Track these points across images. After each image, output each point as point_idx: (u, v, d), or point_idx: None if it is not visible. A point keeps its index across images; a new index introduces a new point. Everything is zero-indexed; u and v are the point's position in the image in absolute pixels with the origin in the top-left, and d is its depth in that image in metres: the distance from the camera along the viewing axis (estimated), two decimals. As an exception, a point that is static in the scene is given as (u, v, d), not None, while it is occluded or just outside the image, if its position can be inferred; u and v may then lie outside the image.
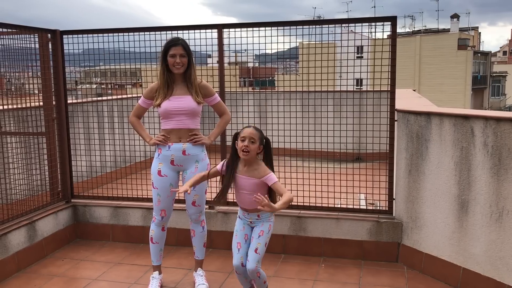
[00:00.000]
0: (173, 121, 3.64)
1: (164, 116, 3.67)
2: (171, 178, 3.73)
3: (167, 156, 3.69)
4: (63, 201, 5.17)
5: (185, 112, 3.63)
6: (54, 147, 5.04)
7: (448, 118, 3.79)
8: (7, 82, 5.88)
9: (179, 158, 3.68)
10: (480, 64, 43.27)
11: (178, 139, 3.66)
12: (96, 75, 9.06)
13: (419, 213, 4.13)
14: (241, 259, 3.26)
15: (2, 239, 4.18)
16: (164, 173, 3.70)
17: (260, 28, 4.60)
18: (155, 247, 3.90)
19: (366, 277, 4.11)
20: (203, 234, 3.94)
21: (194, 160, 3.71)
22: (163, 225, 3.85)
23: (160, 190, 3.72)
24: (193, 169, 3.70)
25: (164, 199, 3.74)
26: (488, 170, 3.49)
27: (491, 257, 3.55)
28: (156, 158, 3.75)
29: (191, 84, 3.67)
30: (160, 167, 3.70)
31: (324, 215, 4.55)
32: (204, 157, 3.77)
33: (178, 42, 3.61)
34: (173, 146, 3.67)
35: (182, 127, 3.65)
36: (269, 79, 9.99)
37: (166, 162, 3.70)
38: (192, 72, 3.68)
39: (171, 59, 3.59)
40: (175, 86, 3.67)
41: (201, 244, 3.96)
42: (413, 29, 46.01)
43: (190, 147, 3.68)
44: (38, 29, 4.84)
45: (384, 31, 4.35)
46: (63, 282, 4.12)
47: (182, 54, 3.58)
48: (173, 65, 3.59)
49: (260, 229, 3.28)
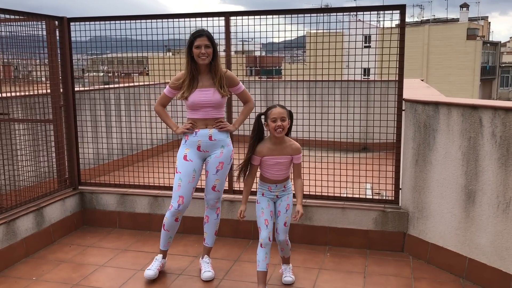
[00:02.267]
0: (199, 112, 3.74)
1: (191, 107, 3.76)
2: (196, 164, 3.78)
3: (194, 142, 3.76)
4: (70, 188, 5.21)
5: (211, 105, 3.72)
6: (62, 134, 5.06)
7: (456, 108, 3.76)
8: (15, 69, 5.90)
9: (206, 144, 3.76)
10: (489, 54, 42.88)
11: (205, 125, 3.76)
12: (103, 63, 9.06)
13: (425, 203, 4.12)
14: (269, 234, 3.47)
15: (11, 225, 4.23)
16: (189, 158, 3.76)
17: (268, 16, 4.58)
18: (166, 234, 3.92)
19: (371, 266, 4.12)
20: (216, 221, 4.00)
21: (219, 146, 3.79)
22: (177, 215, 3.83)
23: (183, 175, 3.75)
24: (218, 153, 3.79)
25: (184, 185, 3.75)
26: (496, 161, 3.47)
27: (498, 248, 3.54)
28: (183, 145, 3.82)
29: (215, 75, 3.71)
30: (186, 152, 3.77)
31: (330, 204, 4.55)
32: (229, 143, 3.86)
33: (203, 33, 3.66)
34: (199, 132, 3.75)
35: (208, 117, 3.76)
36: (276, 68, 9.95)
37: (193, 147, 3.77)
38: (218, 63, 3.73)
39: (196, 50, 3.63)
40: (200, 78, 3.73)
41: (213, 232, 4.01)
42: (421, 18, 45.60)
43: (216, 133, 3.77)
44: (46, 16, 4.83)
45: (392, 19, 4.32)
46: (70, 267, 4.16)
47: (207, 44, 3.63)
48: (199, 56, 3.64)
49: (286, 203, 3.55)
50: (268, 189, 3.56)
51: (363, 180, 4.79)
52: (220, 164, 3.80)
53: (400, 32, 4.24)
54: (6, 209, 4.36)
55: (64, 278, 3.95)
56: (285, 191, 3.59)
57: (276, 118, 3.34)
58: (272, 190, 3.54)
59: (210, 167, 3.81)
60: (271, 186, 3.53)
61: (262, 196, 3.58)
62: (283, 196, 3.57)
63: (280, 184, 3.55)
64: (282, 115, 3.36)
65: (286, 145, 3.46)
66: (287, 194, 3.57)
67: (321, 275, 3.95)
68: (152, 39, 4.89)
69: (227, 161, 3.84)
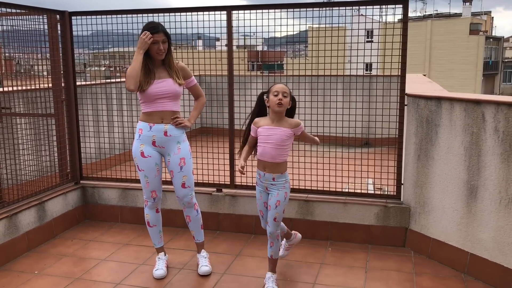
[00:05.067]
0: (155, 104, 3.63)
1: (147, 99, 3.62)
2: (156, 158, 3.72)
3: (149, 137, 3.67)
4: (72, 183, 5.21)
5: (168, 95, 3.63)
6: (63, 129, 5.06)
7: (459, 103, 3.74)
8: (17, 63, 5.90)
9: (161, 139, 3.68)
10: (492, 49, 42.71)
11: (160, 120, 3.66)
12: (105, 57, 9.05)
13: (427, 198, 4.11)
14: (266, 223, 3.57)
15: (13, 219, 4.24)
16: (147, 154, 3.69)
17: (270, 11, 4.56)
18: (154, 230, 3.93)
19: (373, 261, 4.12)
20: (198, 217, 3.93)
21: (175, 141, 3.71)
22: (156, 207, 3.88)
23: (147, 172, 3.72)
24: (176, 150, 3.71)
25: (152, 180, 3.74)
26: (498, 156, 3.46)
27: (500, 243, 3.54)
28: (136, 140, 3.72)
29: (170, 68, 3.67)
30: (142, 149, 3.69)
31: (331, 199, 4.55)
32: (184, 138, 3.78)
33: (159, 29, 3.55)
34: (154, 127, 3.65)
35: (165, 109, 3.66)
36: (278, 63, 9.93)
37: (148, 143, 3.68)
38: (171, 57, 3.68)
39: (154, 46, 3.54)
40: (156, 70, 3.65)
41: (198, 227, 3.97)
42: (424, 13, 45.41)
43: (172, 129, 3.68)
44: (47, 10, 4.82)
45: (395, 14, 4.29)
46: (72, 262, 4.17)
47: (164, 40, 3.57)
48: (157, 53, 3.57)
49: (276, 199, 3.44)
50: (259, 176, 3.49)
51: (365, 175, 4.78)
52: (182, 160, 3.72)
53: (403, 27, 4.22)
54: (8, 203, 4.37)
55: (66, 272, 3.96)
56: (275, 186, 3.44)
57: (279, 92, 3.32)
58: (262, 179, 3.46)
59: (173, 166, 3.72)
60: (260, 173, 3.45)
61: (257, 186, 3.55)
62: (273, 191, 3.45)
63: (269, 174, 3.41)
64: (285, 90, 3.33)
65: (285, 121, 3.40)
66: (276, 190, 3.44)
67: (322, 270, 3.95)
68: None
69: (188, 155, 3.76)
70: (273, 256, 3.60)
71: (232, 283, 3.74)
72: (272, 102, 3.34)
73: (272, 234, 3.51)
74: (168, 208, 4.90)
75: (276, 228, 3.50)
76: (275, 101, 3.31)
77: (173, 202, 4.86)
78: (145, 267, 4.03)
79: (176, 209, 4.87)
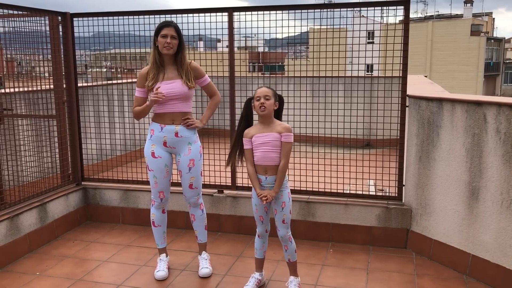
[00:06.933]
0: (166, 105, 3.63)
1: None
2: (166, 159, 3.74)
3: (160, 138, 3.70)
4: (74, 184, 5.22)
5: (177, 97, 3.63)
6: (65, 130, 5.07)
7: (460, 104, 3.74)
8: (18, 65, 5.91)
9: (172, 140, 3.69)
10: (493, 50, 42.68)
11: (171, 121, 3.67)
12: (106, 59, 9.06)
13: (428, 199, 4.11)
14: (265, 227, 3.55)
15: (14, 220, 4.24)
16: (158, 155, 3.71)
17: (271, 12, 4.56)
18: (158, 230, 3.94)
19: (374, 262, 4.11)
20: (203, 217, 3.96)
21: (186, 142, 3.72)
22: (163, 207, 3.90)
23: (156, 172, 3.74)
24: (187, 151, 3.72)
25: (161, 181, 3.76)
26: (500, 157, 3.46)
27: (501, 245, 3.53)
28: (148, 140, 3.75)
29: (181, 68, 3.65)
30: (153, 149, 3.72)
31: (333, 200, 4.55)
32: (196, 139, 3.78)
33: (171, 24, 3.62)
34: (165, 128, 3.67)
35: (175, 110, 3.66)
36: (279, 64, 9.92)
37: (159, 143, 3.71)
38: (183, 56, 3.66)
39: (161, 39, 3.56)
40: (166, 69, 3.65)
41: (203, 227, 3.98)
42: (425, 14, 45.39)
43: (183, 130, 3.69)
44: (49, 11, 4.83)
45: (396, 15, 4.29)
46: (73, 263, 4.18)
47: (173, 35, 3.57)
48: (164, 46, 3.56)
49: (281, 200, 3.41)
50: (260, 181, 3.42)
51: (366, 176, 4.78)
52: (191, 161, 3.72)
53: (404, 28, 4.22)
54: (9, 204, 4.37)
55: (67, 274, 3.96)
56: None
57: (260, 97, 3.32)
58: (263, 184, 3.39)
59: (182, 167, 3.74)
60: (261, 177, 3.39)
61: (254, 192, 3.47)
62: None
63: (270, 177, 3.36)
64: (266, 93, 3.32)
65: (275, 125, 3.38)
66: (280, 191, 3.40)
67: (324, 271, 3.95)
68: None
69: (198, 157, 3.76)
70: (291, 259, 3.55)
71: (233, 284, 3.74)
72: (256, 108, 3.36)
73: (283, 237, 3.47)
74: (170, 210, 4.89)
75: (287, 230, 3.45)
76: (258, 106, 3.33)
77: (175, 203, 4.86)
78: (147, 269, 4.03)
79: (178, 210, 4.87)
